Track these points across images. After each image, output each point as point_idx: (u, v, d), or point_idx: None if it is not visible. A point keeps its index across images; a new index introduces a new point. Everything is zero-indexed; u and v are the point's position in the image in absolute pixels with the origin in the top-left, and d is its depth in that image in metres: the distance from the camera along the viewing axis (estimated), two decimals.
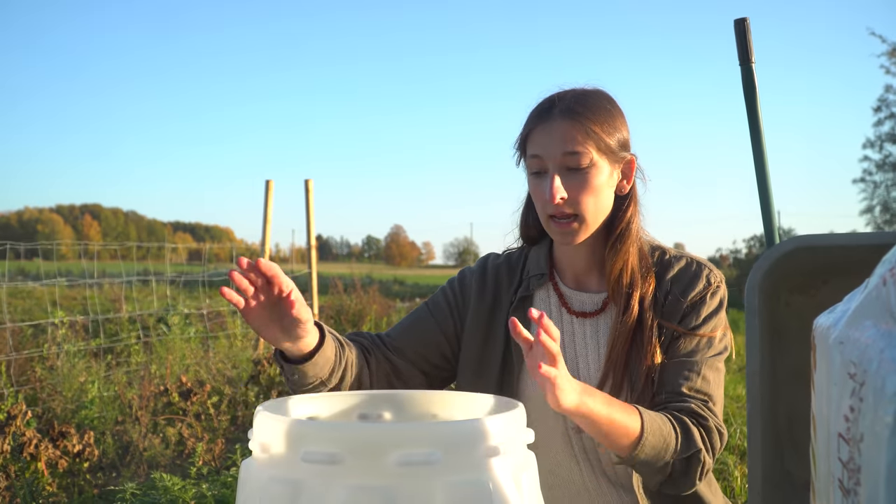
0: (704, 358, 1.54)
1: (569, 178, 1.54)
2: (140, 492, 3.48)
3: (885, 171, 29.70)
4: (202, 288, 7.94)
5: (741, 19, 2.03)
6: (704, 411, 1.48)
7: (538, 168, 1.56)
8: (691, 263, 1.63)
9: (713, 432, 1.47)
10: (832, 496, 0.73)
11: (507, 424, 1.05)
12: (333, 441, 0.98)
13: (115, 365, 6.05)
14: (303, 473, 0.99)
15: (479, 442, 1.01)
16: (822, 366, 0.79)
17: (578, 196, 1.54)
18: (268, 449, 1.03)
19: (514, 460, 1.06)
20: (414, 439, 0.98)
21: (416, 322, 1.73)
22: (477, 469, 1.00)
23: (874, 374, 0.61)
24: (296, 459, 0.99)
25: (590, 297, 1.66)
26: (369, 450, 0.97)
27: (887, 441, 0.58)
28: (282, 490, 1.00)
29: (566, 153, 1.52)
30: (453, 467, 0.98)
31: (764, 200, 2.08)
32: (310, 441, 0.99)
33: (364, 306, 9.83)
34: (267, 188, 7.09)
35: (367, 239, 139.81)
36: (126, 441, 4.46)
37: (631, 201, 1.65)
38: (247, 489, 1.06)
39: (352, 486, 0.96)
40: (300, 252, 16.42)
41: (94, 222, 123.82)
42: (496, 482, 1.01)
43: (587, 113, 1.54)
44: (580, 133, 1.52)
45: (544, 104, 1.58)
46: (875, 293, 0.67)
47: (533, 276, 1.68)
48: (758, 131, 2.06)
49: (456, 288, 1.75)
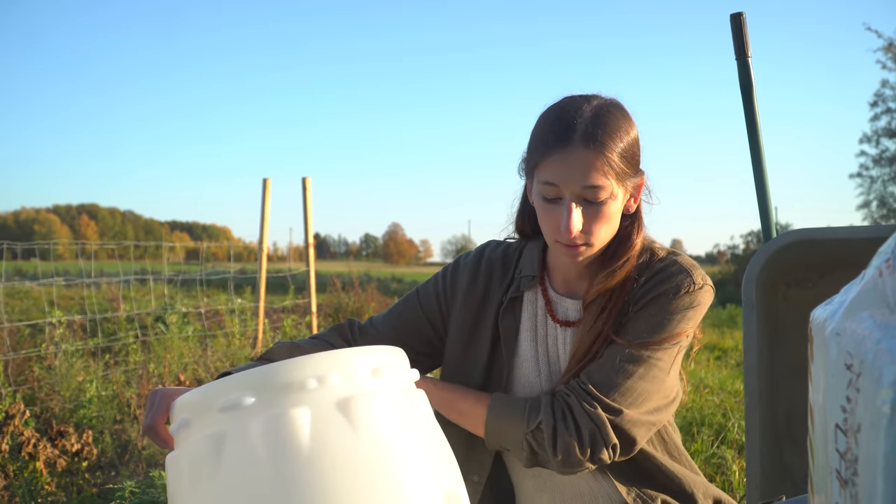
0: (626, 351, 1.50)
1: (586, 209, 1.48)
2: (139, 490, 3.48)
3: (881, 166, 29.74)
4: (200, 287, 7.93)
5: (737, 14, 2.03)
6: (570, 391, 1.48)
7: (553, 195, 1.48)
8: (672, 265, 1.58)
9: (579, 411, 1.45)
10: (830, 487, 0.74)
11: (388, 353, 1.19)
12: (245, 386, 1.07)
13: (113, 364, 6.05)
14: (222, 424, 1.07)
15: (366, 365, 1.13)
16: (818, 357, 0.79)
17: (593, 227, 1.49)
18: (188, 423, 1.11)
19: (396, 380, 1.18)
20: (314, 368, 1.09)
21: (405, 311, 1.74)
22: (366, 385, 1.12)
23: (871, 365, 0.61)
24: (214, 416, 1.08)
25: (574, 303, 1.65)
26: (276, 384, 1.07)
27: (885, 430, 0.58)
28: (206, 445, 1.07)
29: (586, 187, 1.45)
30: (346, 386, 1.10)
31: (761, 195, 2.09)
32: (223, 394, 1.08)
33: (362, 304, 9.83)
34: (264, 187, 7.08)
35: (364, 237, 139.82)
36: (125, 440, 4.46)
37: (637, 223, 1.61)
38: (174, 467, 1.13)
39: (267, 418, 1.05)
40: (298, 250, 16.44)
41: (91, 222, 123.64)
42: (384, 393, 1.13)
43: (609, 142, 1.46)
44: (603, 166, 1.44)
45: (561, 125, 1.47)
46: (871, 284, 0.67)
47: (524, 276, 1.68)
48: (754, 126, 2.06)
49: (448, 278, 1.75)
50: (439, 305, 1.73)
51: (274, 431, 1.04)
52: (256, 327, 7.18)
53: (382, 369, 1.15)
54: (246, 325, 7.32)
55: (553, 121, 1.49)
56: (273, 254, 24.52)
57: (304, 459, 1.04)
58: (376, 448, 1.07)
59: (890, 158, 29.54)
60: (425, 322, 1.73)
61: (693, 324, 1.56)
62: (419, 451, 1.13)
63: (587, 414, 1.45)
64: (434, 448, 1.18)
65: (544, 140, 1.48)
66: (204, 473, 1.06)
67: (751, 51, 2.02)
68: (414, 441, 1.13)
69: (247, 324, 7.36)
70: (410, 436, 1.12)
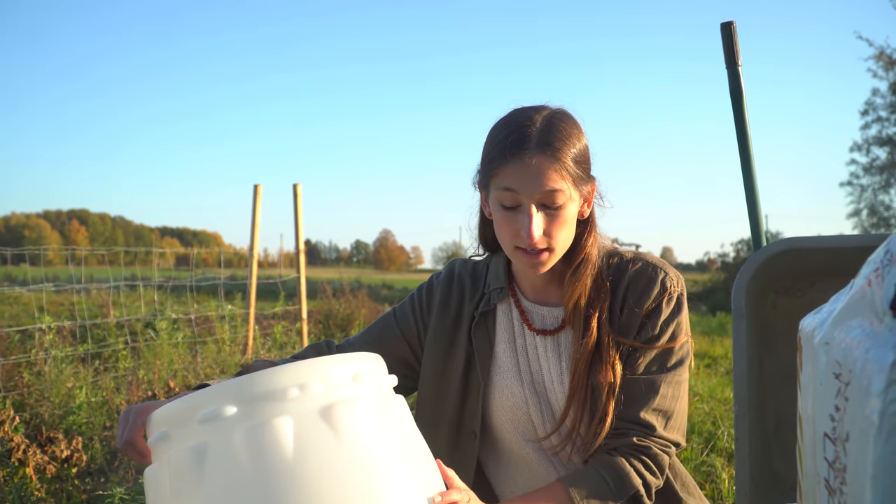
0: (661, 375, 1.58)
1: (545, 214, 1.51)
2: (128, 496, 3.46)
3: (871, 175, 29.87)
4: (190, 293, 7.90)
5: (727, 23, 2.04)
6: (645, 441, 1.55)
7: (512, 203, 1.50)
8: (647, 267, 1.62)
9: (658, 456, 1.56)
10: (818, 495, 0.74)
11: (366, 361, 1.21)
12: (226, 397, 1.08)
13: (102, 370, 6.02)
14: (204, 435, 1.08)
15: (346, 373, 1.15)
16: (807, 366, 0.80)
17: (553, 231, 1.51)
18: (167, 436, 1.11)
19: (376, 388, 1.20)
20: (296, 377, 1.10)
21: (382, 330, 1.75)
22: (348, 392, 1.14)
23: (859, 374, 0.62)
24: (194, 427, 1.08)
25: (550, 311, 1.66)
26: (259, 394, 1.08)
27: (873, 440, 0.58)
28: (188, 456, 1.08)
29: (545, 192, 1.48)
30: (328, 394, 1.11)
31: (751, 203, 2.09)
32: (203, 405, 1.09)
33: (353, 311, 9.81)
34: (255, 193, 7.07)
35: (355, 243, 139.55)
36: (114, 446, 4.44)
37: (591, 226, 1.63)
38: (155, 480, 1.13)
39: (249, 427, 1.06)
40: (289, 257, 16.37)
41: (81, 227, 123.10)
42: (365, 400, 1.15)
43: (563, 148, 1.49)
44: (559, 171, 1.48)
45: (515, 135, 1.50)
46: (860, 294, 0.68)
47: (493, 289, 1.69)
48: (744, 134, 2.07)
49: (423, 296, 1.76)
50: (416, 325, 1.74)
51: (257, 441, 1.05)
52: (247, 334, 7.16)
53: (362, 376, 1.16)
54: (236, 332, 7.30)
55: (506, 132, 1.52)
56: (264, 260, 24.48)
57: (289, 468, 1.04)
58: (359, 454, 1.08)
59: (880, 167, 29.67)
60: (403, 342, 1.73)
61: (686, 322, 1.64)
62: (401, 456, 1.14)
63: (666, 455, 1.59)
64: (415, 453, 1.19)
65: (500, 150, 1.51)
66: (186, 485, 1.06)
67: (741, 60, 2.03)
68: (395, 446, 1.14)
69: (237, 330, 7.34)
70: (392, 441, 1.14)
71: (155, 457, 1.15)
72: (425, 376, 1.71)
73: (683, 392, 1.60)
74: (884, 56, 26.56)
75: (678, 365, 1.59)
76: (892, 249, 0.63)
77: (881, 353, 0.60)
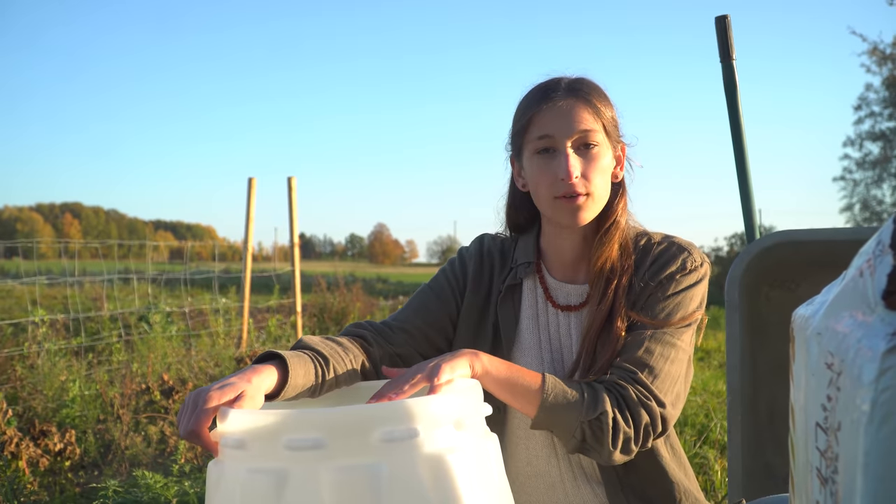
0: (655, 333, 1.53)
1: (581, 156, 1.54)
2: (122, 489, 3.46)
3: (864, 170, 29.93)
4: (184, 286, 7.90)
5: (722, 17, 2.04)
6: (625, 382, 1.47)
7: (548, 146, 1.54)
8: (671, 247, 1.61)
9: (634, 403, 1.45)
10: (810, 485, 0.74)
11: (469, 399, 1.14)
12: (315, 426, 1.00)
13: (96, 363, 6.01)
14: (286, 462, 1.00)
15: (449, 416, 1.07)
16: (800, 357, 0.80)
17: (591, 173, 1.54)
18: (243, 444, 1.04)
19: (476, 431, 1.14)
20: (393, 417, 1.02)
21: (422, 305, 1.70)
22: (449, 441, 1.06)
23: (851, 364, 0.62)
24: (277, 449, 1.01)
25: (575, 288, 1.66)
26: (352, 430, 1.00)
27: (864, 428, 0.59)
28: (266, 480, 1.00)
29: (580, 130, 1.52)
30: (429, 441, 1.03)
31: (744, 196, 2.10)
32: (292, 429, 1.01)
33: (347, 304, 9.81)
34: (250, 186, 7.06)
35: (350, 237, 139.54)
36: (108, 439, 4.44)
37: (622, 191, 1.65)
38: (222, 488, 1.06)
39: (338, 468, 0.99)
40: (283, 250, 16.35)
41: (74, 221, 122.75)
42: (465, 452, 1.07)
43: (592, 93, 1.57)
44: (590, 111, 1.54)
45: (543, 87, 1.58)
46: (852, 284, 0.68)
47: (521, 264, 1.68)
48: (738, 127, 2.07)
49: (457, 269, 1.73)
50: (455, 298, 1.71)
51: (346, 484, 0.98)
52: (241, 327, 7.16)
53: (464, 420, 1.09)
54: (230, 325, 7.30)
55: (536, 89, 1.59)
56: (258, 254, 24.43)
57: None
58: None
59: (873, 162, 29.73)
60: (445, 316, 1.70)
61: (700, 301, 1.60)
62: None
63: (643, 407, 1.46)
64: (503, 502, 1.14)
65: (531, 104, 1.57)
66: None
67: (735, 53, 2.03)
68: (485, 494, 1.09)
69: (231, 323, 7.34)
70: (483, 498, 1.08)
71: (224, 455, 1.09)
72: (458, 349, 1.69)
73: (678, 358, 1.53)
74: (877, 51, 26.59)
75: (681, 329, 1.55)
76: (884, 240, 0.63)
77: (873, 342, 0.60)
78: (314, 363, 1.38)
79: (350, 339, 1.56)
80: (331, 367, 1.41)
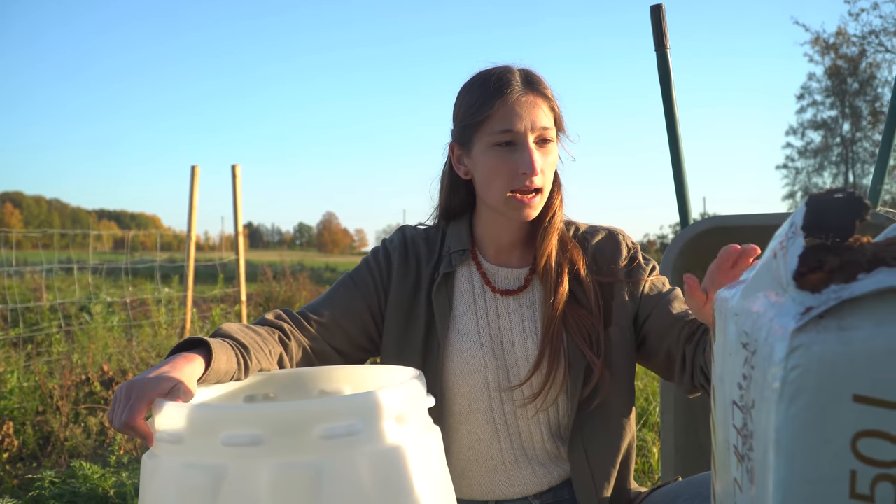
0: (675, 290, 1.66)
1: (538, 150, 1.57)
2: (59, 480, 3.41)
3: (806, 158, 30.61)
4: (126, 276, 7.77)
5: (657, 5, 2.07)
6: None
7: (510, 140, 1.55)
8: (603, 231, 1.71)
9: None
10: (729, 462, 0.76)
11: (410, 392, 1.12)
12: (254, 422, 0.99)
13: (35, 355, 5.90)
14: (224, 458, 0.99)
15: (391, 410, 1.06)
16: (720, 337, 0.82)
17: (546, 170, 1.58)
18: (180, 439, 1.02)
19: (419, 425, 1.13)
20: (334, 413, 1.00)
21: (342, 297, 1.68)
22: (391, 436, 1.05)
23: (764, 343, 0.64)
24: (215, 445, 0.99)
25: (512, 272, 1.67)
26: (291, 427, 0.98)
27: (775, 405, 0.60)
28: (202, 476, 0.99)
29: (541, 127, 1.55)
30: (370, 437, 1.02)
31: (678, 182, 2.13)
32: (229, 425, 0.99)
33: (293, 293, 9.76)
34: (193, 174, 6.95)
35: (298, 226, 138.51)
36: (47, 431, 4.36)
37: (558, 183, 1.68)
38: (157, 482, 1.04)
39: (276, 465, 0.97)
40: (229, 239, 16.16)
41: (15, 210, 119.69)
42: (408, 447, 1.06)
43: (546, 88, 1.60)
44: (547, 106, 1.58)
45: (499, 81, 1.57)
46: (767, 266, 0.70)
47: (455, 251, 1.68)
48: (672, 115, 2.10)
49: (381, 261, 1.71)
50: (377, 292, 1.69)
51: (285, 482, 0.97)
52: (184, 317, 7.07)
53: (406, 415, 1.08)
54: (173, 315, 7.21)
55: (487, 82, 1.59)
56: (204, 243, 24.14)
57: None
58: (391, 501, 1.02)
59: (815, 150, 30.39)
60: (366, 310, 1.67)
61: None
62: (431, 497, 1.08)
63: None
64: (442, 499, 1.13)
65: (488, 96, 1.57)
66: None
67: (669, 42, 2.06)
68: (427, 495, 1.07)
69: (174, 313, 7.25)
70: (425, 492, 1.07)
71: (160, 449, 1.07)
72: (388, 345, 1.66)
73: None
74: (820, 41, 27.17)
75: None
76: (796, 222, 0.65)
77: (784, 321, 0.62)
78: (235, 353, 1.38)
79: (268, 331, 1.55)
80: (252, 358, 1.41)
